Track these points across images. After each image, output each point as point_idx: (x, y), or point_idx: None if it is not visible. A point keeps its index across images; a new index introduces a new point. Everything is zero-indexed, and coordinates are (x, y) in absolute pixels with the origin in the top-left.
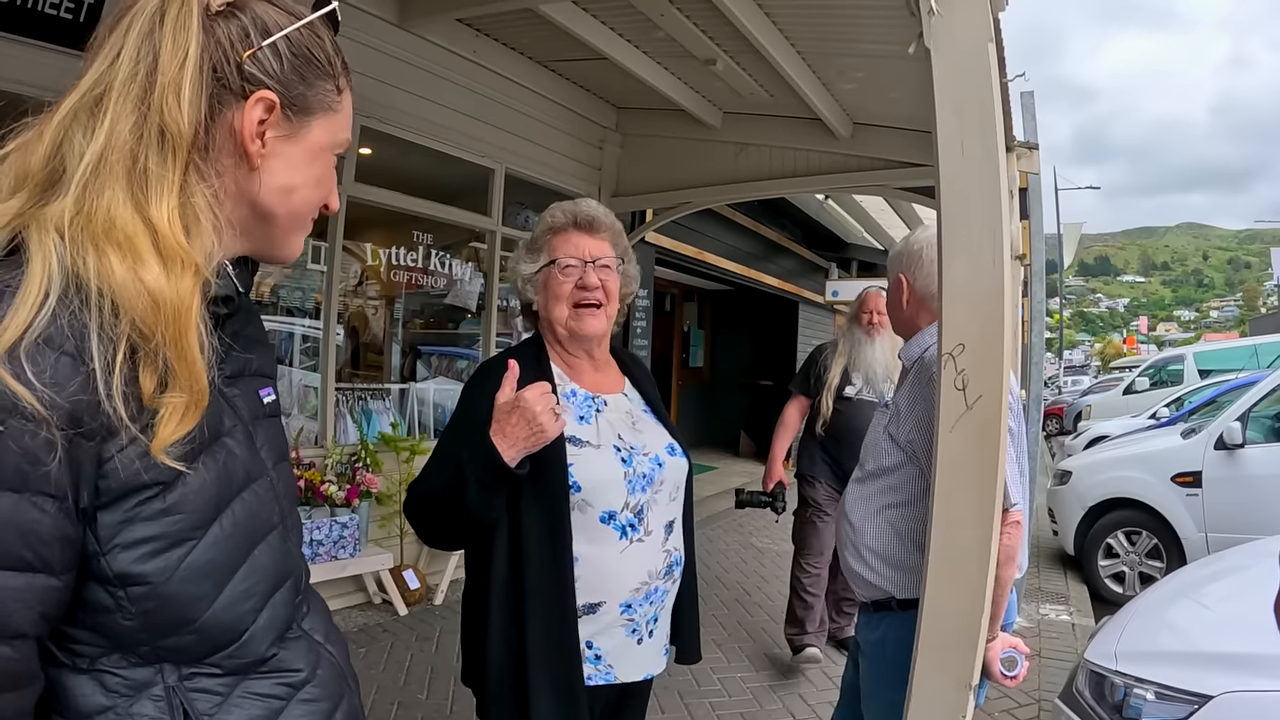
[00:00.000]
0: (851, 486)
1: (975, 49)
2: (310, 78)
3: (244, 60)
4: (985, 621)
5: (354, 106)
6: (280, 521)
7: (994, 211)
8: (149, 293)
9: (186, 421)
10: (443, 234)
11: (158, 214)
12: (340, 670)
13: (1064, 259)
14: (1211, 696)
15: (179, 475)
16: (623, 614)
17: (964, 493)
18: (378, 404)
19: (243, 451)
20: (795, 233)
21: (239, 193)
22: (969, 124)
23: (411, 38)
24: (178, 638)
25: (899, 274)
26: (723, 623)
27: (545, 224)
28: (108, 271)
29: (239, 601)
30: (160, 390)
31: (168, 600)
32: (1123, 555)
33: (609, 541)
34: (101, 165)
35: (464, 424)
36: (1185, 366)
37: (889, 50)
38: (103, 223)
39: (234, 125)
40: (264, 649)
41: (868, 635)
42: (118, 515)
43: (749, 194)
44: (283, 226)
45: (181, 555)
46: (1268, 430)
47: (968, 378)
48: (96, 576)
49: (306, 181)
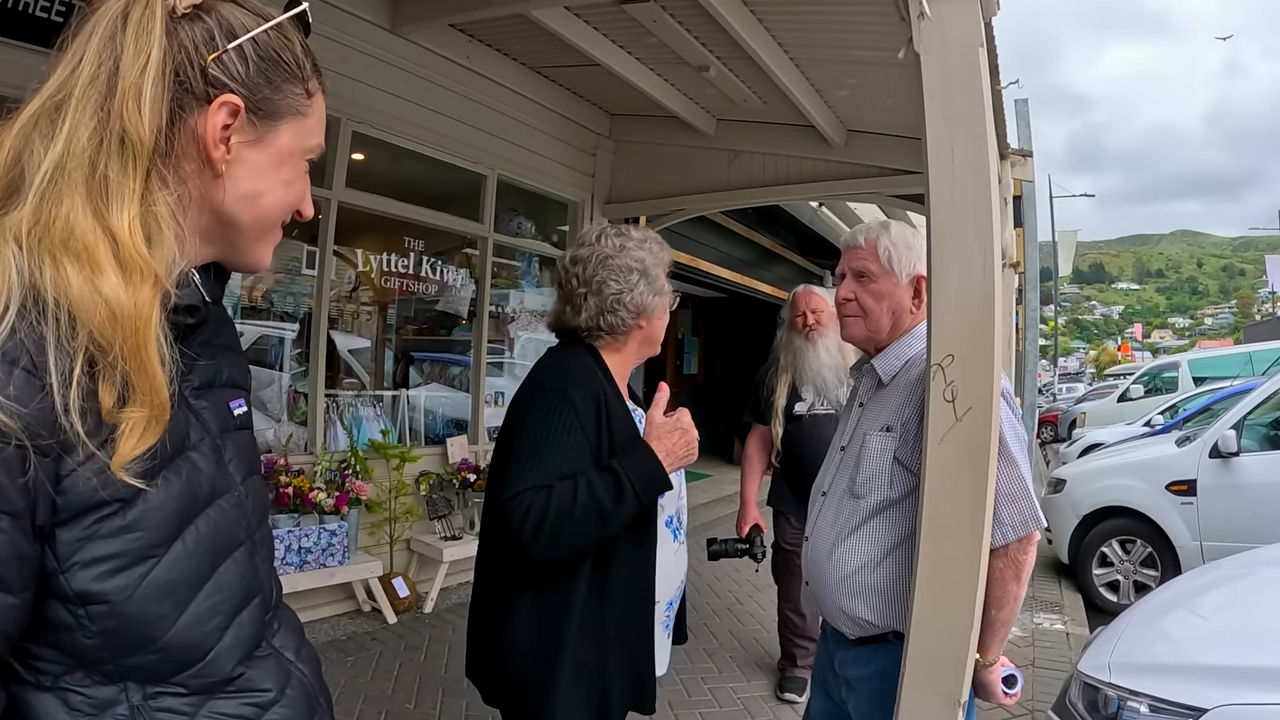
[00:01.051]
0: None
1: (965, 53)
2: (278, 81)
3: (208, 64)
4: (974, 637)
5: (346, 112)
6: (247, 538)
7: (984, 219)
8: (106, 304)
9: (147, 437)
10: (435, 240)
11: (118, 223)
12: (310, 689)
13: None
14: (1206, 710)
15: (139, 492)
16: (666, 611)
17: (953, 506)
18: (368, 410)
19: (208, 466)
20: (789, 240)
21: (203, 199)
22: (959, 129)
23: (404, 43)
24: (140, 657)
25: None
26: (714, 632)
27: (661, 251)
28: (64, 283)
29: (203, 620)
30: (119, 405)
31: (129, 619)
32: (1117, 564)
33: (666, 543)
34: (59, 173)
35: (577, 442)
36: (1180, 374)
37: (882, 57)
38: (61, 233)
39: (197, 131)
40: (230, 668)
41: (859, 670)
42: (76, 532)
43: (742, 201)
44: (249, 233)
45: (142, 573)
46: (1263, 438)
47: (957, 389)
48: (56, 594)
49: (274, 187)
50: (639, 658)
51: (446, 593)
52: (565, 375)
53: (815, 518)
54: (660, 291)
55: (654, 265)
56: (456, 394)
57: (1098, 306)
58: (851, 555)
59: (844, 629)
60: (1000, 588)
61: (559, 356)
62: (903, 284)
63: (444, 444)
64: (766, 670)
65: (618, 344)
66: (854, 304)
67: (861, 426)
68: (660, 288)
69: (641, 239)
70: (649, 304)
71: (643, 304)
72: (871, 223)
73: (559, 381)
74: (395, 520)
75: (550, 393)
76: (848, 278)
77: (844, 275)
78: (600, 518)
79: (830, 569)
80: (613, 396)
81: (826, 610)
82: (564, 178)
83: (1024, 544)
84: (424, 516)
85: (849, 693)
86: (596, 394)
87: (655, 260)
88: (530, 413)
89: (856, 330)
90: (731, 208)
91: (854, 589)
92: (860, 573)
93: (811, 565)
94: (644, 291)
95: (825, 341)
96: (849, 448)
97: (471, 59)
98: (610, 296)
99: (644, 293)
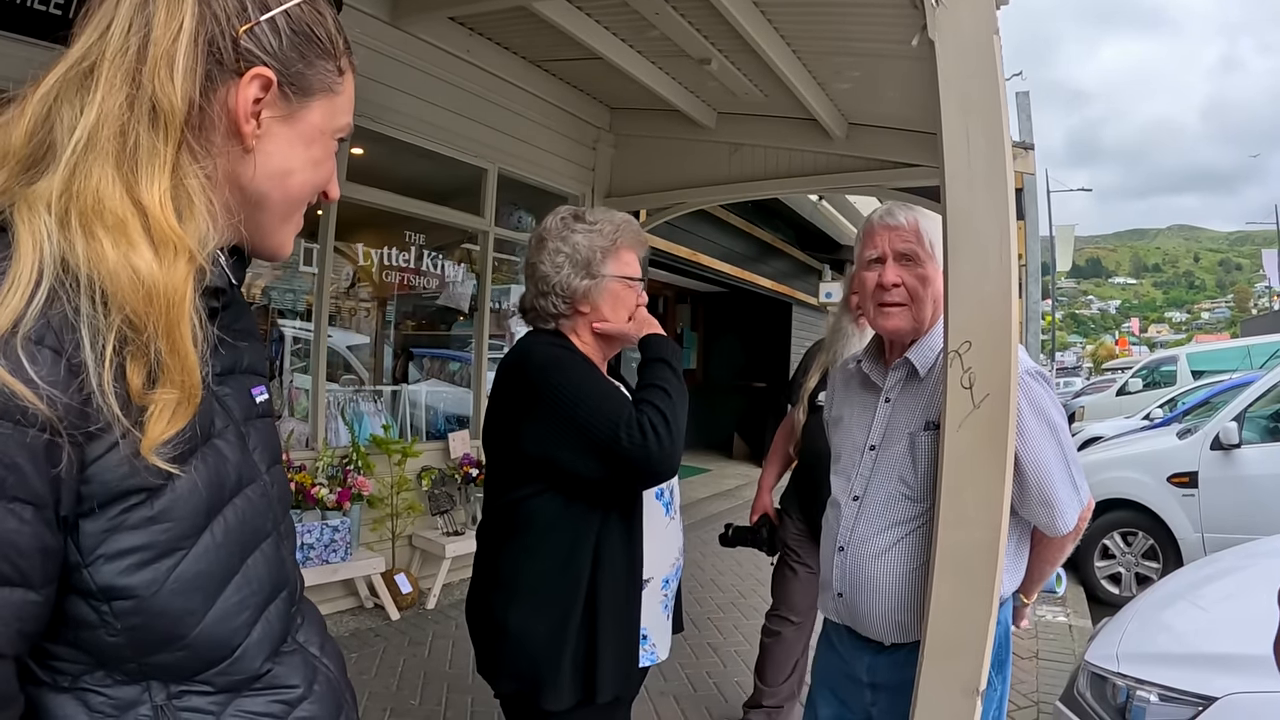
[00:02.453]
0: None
1: (981, 41)
2: (310, 56)
3: (240, 35)
4: (992, 626)
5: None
6: (274, 529)
7: (1001, 206)
8: (141, 280)
9: (177, 419)
10: (435, 235)
11: (149, 196)
12: (337, 685)
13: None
14: (1216, 698)
15: (168, 480)
16: (663, 589)
17: (971, 493)
18: (369, 406)
19: (234, 454)
20: (789, 234)
21: (231, 175)
22: (975, 116)
23: (404, 36)
24: (166, 654)
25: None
26: (719, 626)
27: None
28: (98, 257)
29: (231, 615)
30: (149, 386)
31: (155, 614)
32: (1119, 556)
33: (657, 516)
34: (92, 142)
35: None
36: (1178, 368)
37: (886, 49)
38: (92, 204)
39: (228, 103)
40: (258, 665)
41: (896, 675)
42: (101, 523)
43: (743, 195)
44: (276, 213)
45: (170, 566)
46: (1264, 430)
47: (974, 376)
48: (79, 590)
49: (304, 165)
50: (626, 636)
51: (449, 588)
52: (547, 345)
53: (849, 525)
54: (594, 275)
55: (592, 248)
56: (457, 389)
57: (1095, 301)
58: (907, 559)
59: (886, 637)
60: (1057, 551)
61: (545, 337)
62: (940, 270)
63: (445, 439)
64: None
65: (571, 330)
66: (901, 290)
67: (899, 424)
68: (594, 271)
69: (593, 222)
70: (576, 287)
71: (569, 287)
72: (895, 204)
73: (557, 353)
74: (397, 516)
75: (554, 361)
76: (889, 261)
77: (881, 259)
78: (683, 398)
79: (881, 576)
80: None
81: (868, 620)
82: (565, 171)
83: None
84: (426, 512)
85: (877, 695)
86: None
87: (601, 243)
88: (560, 373)
89: (901, 321)
90: (732, 201)
91: (911, 595)
92: (916, 575)
93: (850, 575)
94: (569, 275)
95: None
96: (885, 447)
97: (472, 52)
98: (539, 279)
99: (569, 276)
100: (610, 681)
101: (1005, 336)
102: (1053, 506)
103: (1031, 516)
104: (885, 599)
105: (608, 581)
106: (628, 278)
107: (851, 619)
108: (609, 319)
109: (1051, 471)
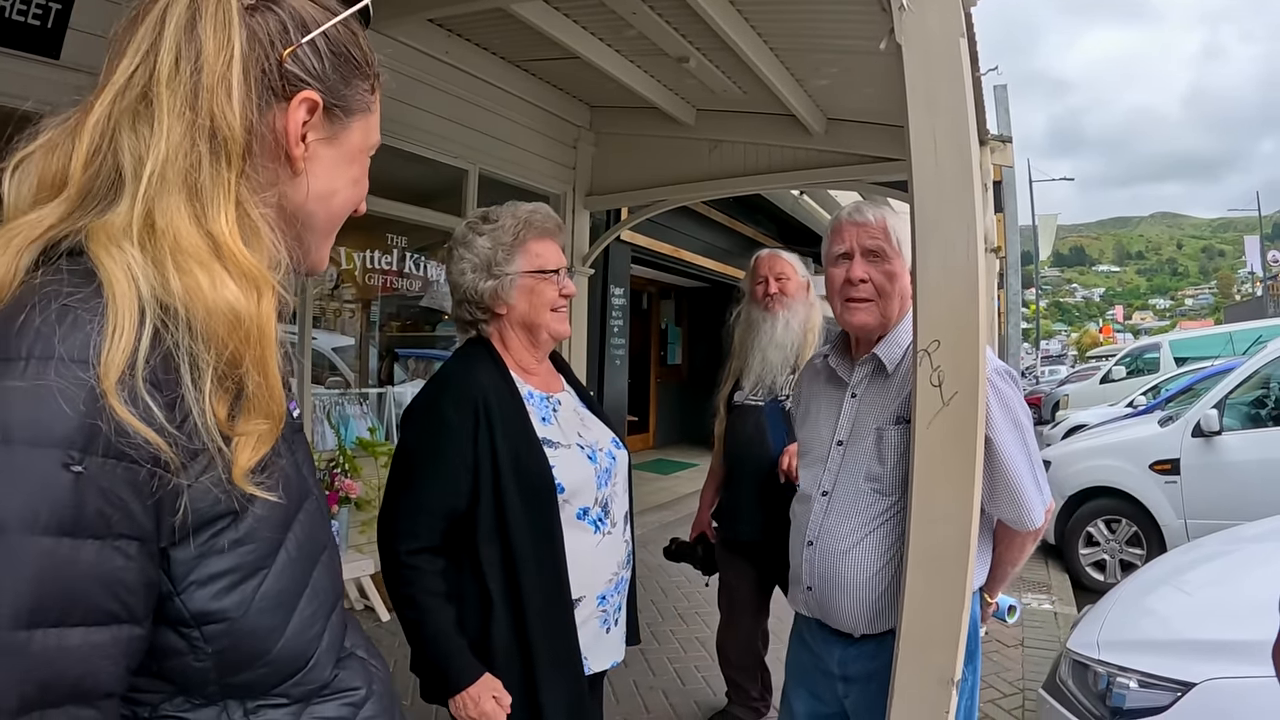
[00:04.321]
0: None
1: (947, 44)
2: (349, 77)
3: (284, 58)
4: (966, 618)
5: None
6: (329, 540)
7: (967, 207)
8: (238, 316)
9: (262, 445)
10: (417, 236)
11: (218, 227)
12: (389, 684)
13: (1040, 250)
14: (1194, 684)
15: (249, 503)
16: (599, 606)
17: (942, 489)
18: (355, 409)
19: (293, 471)
20: (771, 229)
21: (282, 199)
22: (941, 119)
23: (382, 39)
24: (250, 672)
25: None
26: (706, 620)
27: (517, 229)
28: (194, 291)
29: (306, 627)
30: (232, 417)
31: (244, 635)
32: (1103, 543)
33: (585, 536)
34: (164, 172)
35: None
36: (1161, 355)
37: (862, 46)
38: (172, 237)
39: (277, 128)
40: (328, 673)
41: (867, 665)
42: (191, 551)
43: (724, 191)
44: (321, 232)
45: (256, 586)
46: (1244, 417)
47: (943, 374)
48: (170, 619)
49: (346, 185)
50: (566, 657)
51: None
52: (443, 384)
53: (818, 520)
54: (497, 275)
55: (494, 248)
56: None
57: (1079, 289)
58: (876, 552)
59: (857, 629)
60: (1018, 550)
61: (452, 360)
62: (907, 267)
63: None
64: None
65: (495, 335)
66: (869, 285)
67: (866, 419)
68: (497, 271)
69: (495, 221)
70: (483, 290)
71: (477, 291)
72: (863, 201)
73: (433, 394)
74: None
75: (422, 409)
76: (857, 257)
77: (849, 254)
78: (431, 646)
79: (850, 569)
80: (504, 396)
81: (838, 613)
82: (545, 171)
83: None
84: None
85: (849, 688)
86: (475, 401)
87: (505, 239)
88: (407, 430)
89: (868, 317)
90: (713, 197)
91: (880, 587)
92: (886, 569)
93: (820, 569)
94: (474, 279)
95: (787, 315)
96: (853, 442)
97: (451, 53)
98: (454, 289)
99: (474, 280)
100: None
101: (973, 335)
102: (1020, 503)
103: (1000, 512)
104: (855, 592)
105: (534, 603)
106: (539, 270)
107: (821, 612)
108: (528, 314)
109: (1020, 468)
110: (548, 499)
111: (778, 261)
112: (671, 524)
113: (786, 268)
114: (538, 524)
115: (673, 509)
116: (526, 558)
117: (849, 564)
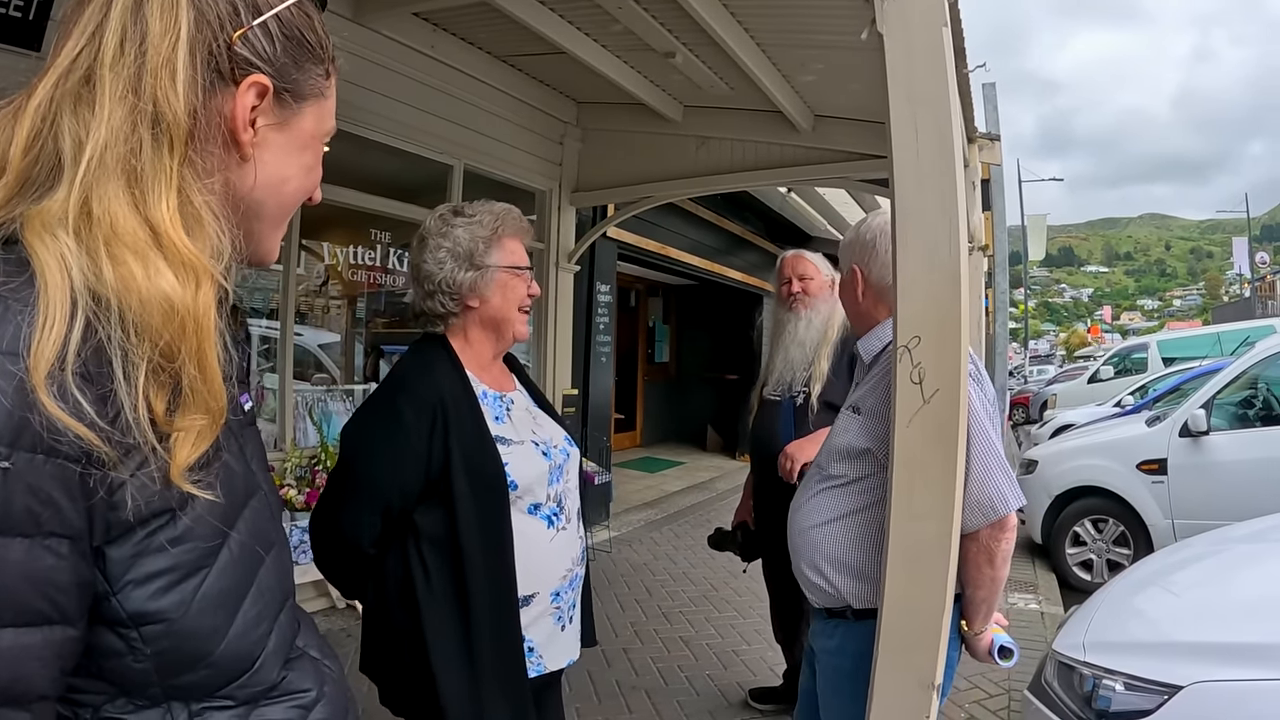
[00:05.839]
0: (810, 494)
1: (929, 33)
2: (302, 61)
3: (234, 41)
4: (946, 620)
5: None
6: (278, 537)
7: (949, 201)
8: (174, 306)
9: (201, 442)
10: (402, 232)
11: (157, 214)
12: (342, 684)
13: (1029, 250)
14: (1181, 687)
15: (186, 501)
16: (553, 602)
17: (922, 489)
18: (338, 405)
19: (239, 466)
20: (758, 226)
21: (229, 186)
22: (923, 110)
23: (367, 32)
24: (191, 674)
25: (852, 264)
26: (690, 619)
27: (494, 223)
28: (127, 281)
29: (251, 628)
30: (171, 411)
31: (184, 636)
32: (1090, 543)
33: (538, 531)
34: (104, 158)
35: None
36: (1149, 355)
37: (848, 41)
38: (108, 225)
39: (224, 112)
40: (275, 674)
41: (824, 643)
42: (127, 549)
43: (711, 187)
44: (270, 221)
45: (195, 585)
46: (1231, 417)
47: (924, 371)
48: (106, 619)
49: (298, 172)
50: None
51: None
52: (400, 384)
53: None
54: (478, 266)
55: (474, 239)
56: None
57: (1067, 289)
58: (811, 514)
59: (810, 595)
60: (974, 570)
61: (408, 358)
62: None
63: None
64: (743, 658)
65: (459, 331)
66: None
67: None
68: (478, 262)
69: (472, 214)
70: (461, 281)
71: (455, 282)
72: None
73: (390, 393)
74: None
75: (377, 407)
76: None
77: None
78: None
79: (794, 530)
80: (459, 396)
81: (798, 575)
82: (531, 167)
83: (995, 529)
84: None
85: (817, 665)
86: (433, 404)
87: (483, 233)
88: (359, 429)
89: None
90: (700, 194)
91: (811, 546)
92: (817, 531)
93: (789, 533)
94: (453, 269)
95: (810, 314)
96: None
97: (436, 48)
98: (424, 279)
99: (452, 270)
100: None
101: (954, 331)
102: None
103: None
104: (798, 552)
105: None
106: (515, 267)
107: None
108: (499, 310)
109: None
110: (499, 495)
111: (801, 262)
112: (657, 522)
113: (810, 268)
114: (485, 520)
115: (659, 507)
116: (474, 554)
117: (794, 524)
